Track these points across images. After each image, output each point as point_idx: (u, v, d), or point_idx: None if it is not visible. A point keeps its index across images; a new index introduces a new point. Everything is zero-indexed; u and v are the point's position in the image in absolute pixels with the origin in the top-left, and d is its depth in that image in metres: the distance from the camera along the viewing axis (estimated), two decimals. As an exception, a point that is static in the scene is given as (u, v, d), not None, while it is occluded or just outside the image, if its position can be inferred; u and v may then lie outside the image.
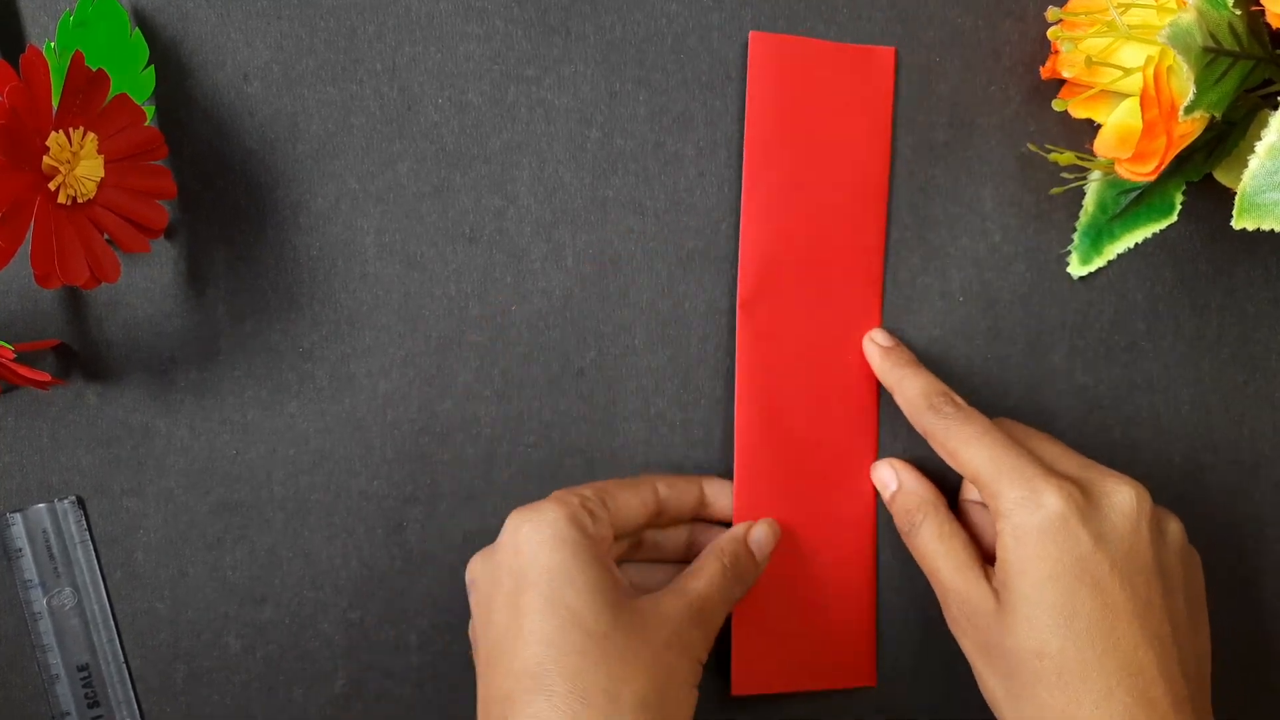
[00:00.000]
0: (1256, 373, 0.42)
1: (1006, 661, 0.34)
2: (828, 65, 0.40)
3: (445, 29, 0.39)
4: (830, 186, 0.40)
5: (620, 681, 0.31)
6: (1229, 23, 0.34)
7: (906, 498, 0.39)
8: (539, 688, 0.31)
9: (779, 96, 0.39)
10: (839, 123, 0.40)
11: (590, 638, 0.32)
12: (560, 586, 0.33)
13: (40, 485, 0.39)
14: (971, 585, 0.35)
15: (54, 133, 0.33)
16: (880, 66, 0.40)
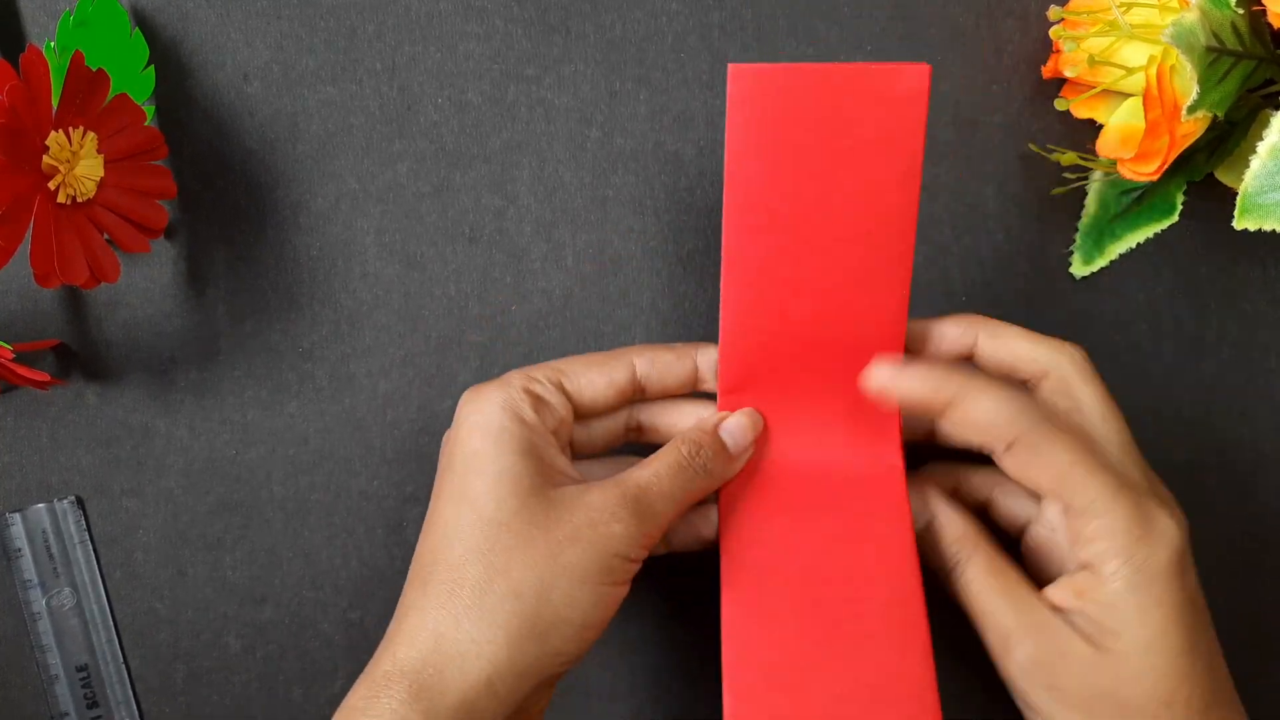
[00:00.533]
0: (1258, 373, 0.41)
1: (1119, 713, 0.31)
2: (835, 95, 0.32)
3: (445, 28, 0.39)
4: (840, 254, 0.33)
5: (497, 571, 0.30)
6: (1231, 22, 0.34)
7: (946, 529, 0.34)
8: (423, 574, 0.31)
9: (769, 142, 0.32)
10: (851, 170, 0.32)
11: (483, 526, 0.31)
12: (470, 474, 0.32)
13: (39, 485, 0.39)
14: (1053, 630, 0.31)
15: (54, 132, 0.33)
16: (908, 90, 0.32)
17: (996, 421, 0.32)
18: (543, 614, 0.30)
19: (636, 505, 0.32)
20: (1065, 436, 0.32)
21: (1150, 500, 0.32)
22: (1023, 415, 0.32)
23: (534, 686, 0.30)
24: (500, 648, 0.29)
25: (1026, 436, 0.32)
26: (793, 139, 0.32)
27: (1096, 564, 0.31)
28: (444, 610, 0.30)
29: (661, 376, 0.35)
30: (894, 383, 0.33)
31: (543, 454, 0.32)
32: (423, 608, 0.30)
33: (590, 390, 0.34)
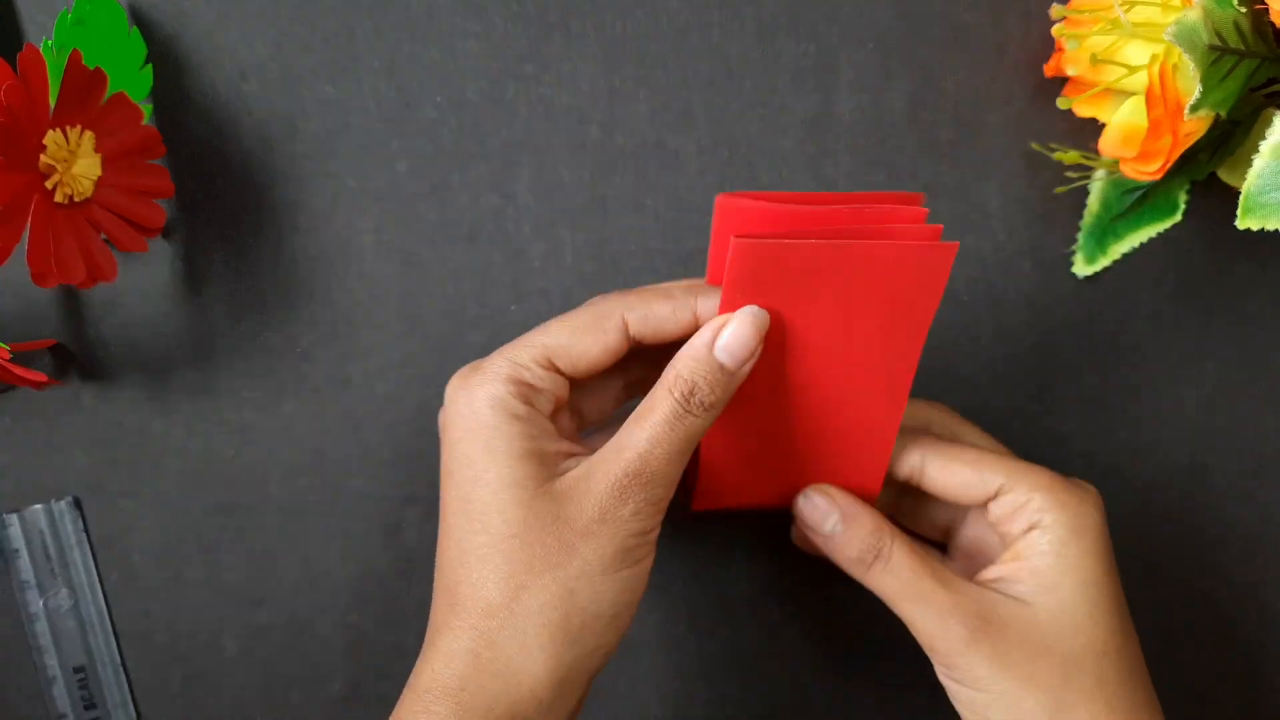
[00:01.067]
0: (1260, 373, 0.41)
1: (1060, 669, 0.32)
2: (848, 268, 0.30)
3: (444, 27, 0.39)
4: (829, 411, 0.33)
5: (519, 588, 0.29)
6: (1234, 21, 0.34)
7: (858, 527, 0.34)
8: (448, 592, 0.31)
9: (767, 304, 0.31)
10: (854, 328, 0.31)
11: (495, 544, 0.30)
12: (471, 486, 0.31)
13: (36, 486, 0.39)
14: (990, 600, 0.33)
15: (51, 131, 0.33)
16: (929, 266, 0.30)
17: (903, 452, 0.35)
18: (572, 618, 0.30)
19: (640, 478, 0.30)
20: (967, 442, 0.35)
21: (1063, 477, 0.34)
22: (924, 441, 0.35)
23: (581, 683, 0.30)
24: (538, 661, 0.29)
25: (931, 451, 0.35)
26: (792, 305, 0.31)
27: (1031, 526, 0.33)
28: (475, 631, 0.30)
29: (659, 333, 0.33)
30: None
31: (541, 447, 0.31)
32: (454, 628, 0.30)
33: (585, 361, 0.32)
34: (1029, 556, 0.33)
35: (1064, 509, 0.33)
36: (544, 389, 0.32)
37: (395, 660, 0.40)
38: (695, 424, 0.31)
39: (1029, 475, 0.34)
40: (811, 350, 0.32)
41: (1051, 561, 0.33)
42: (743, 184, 0.40)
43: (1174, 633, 0.42)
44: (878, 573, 0.34)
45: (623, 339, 0.33)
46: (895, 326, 0.32)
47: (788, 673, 0.41)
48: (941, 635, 0.32)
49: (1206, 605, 0.42)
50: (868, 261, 0.30)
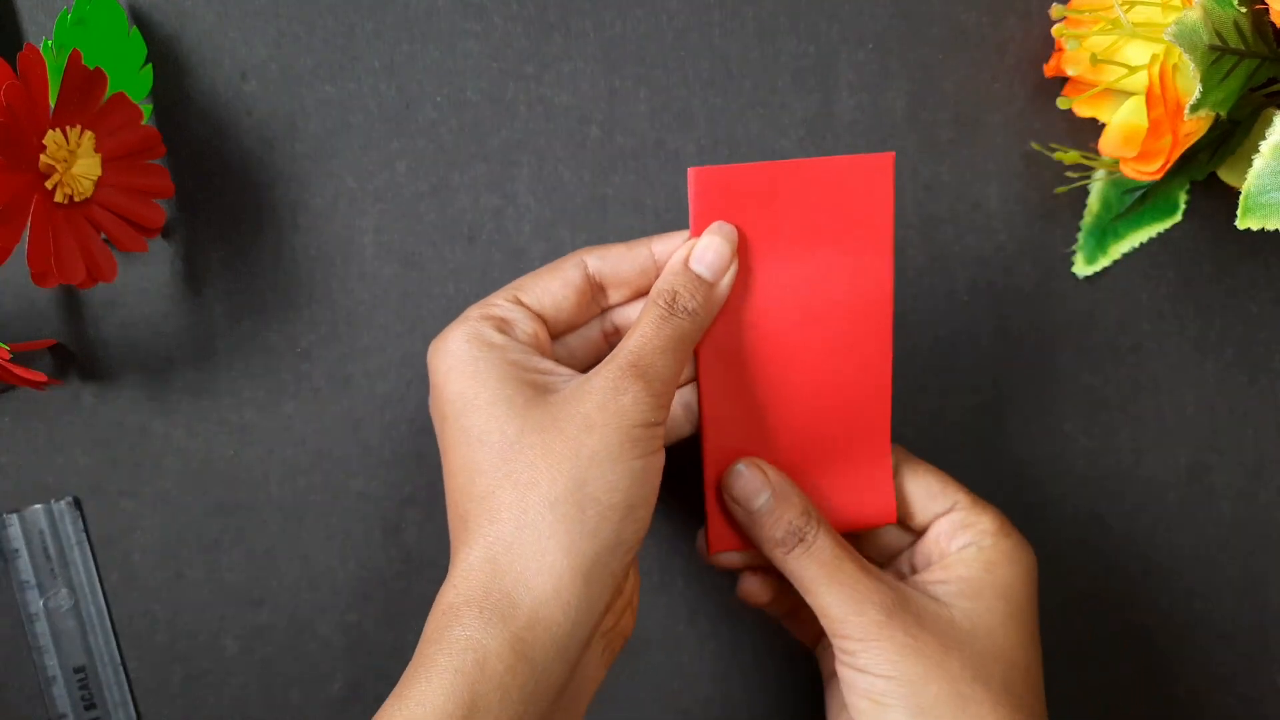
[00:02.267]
0: (1260, 373, 0.41)
1: (970, 665, 0.32)
2: (793, 188, 0.33)
3: (443, 26, 0.39)
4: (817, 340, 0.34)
5: (526, 487, 0.30)
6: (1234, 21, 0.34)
7: (788, 506, 0.34)
8: (460, 516, 0.31)
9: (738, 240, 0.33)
10: (821, 256, 0.33)
11: (496, 452, 0.30)
12: (465, 415, 0.31)
13: (36, 486, 0.39)
14: (908, 592, 0.33)
15: (51, 131, 0.33)
16: (874, 180, 0.33)
17: None
18: (586, 509, 0.29)
19: (636, 370, 0.31)
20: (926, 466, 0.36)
21: (983, 509, 0.36)
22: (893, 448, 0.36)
23: (606, 586, 0.30)
24: (557, 556, 0.29)
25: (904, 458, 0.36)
26: (756, 234, 0.33)
27: (970, 541, 0.34)
28: (490, 538, 0.29)
29: (616, 269, 0.34)
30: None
31: (526, 366, 0.32)
32: (469, 543, 0.30)
33: (549, 298, 0.33)
34: (957, 568, 0.34)
35: (1007, 537, 0.35)
36: (516, 319, 0.33)
37: (395, 660, 0.40)
38: (682, 325, 0.32)
39: (985, 505, 0.35)
40: (786, 287, 0.34)
41: (978, 573, 0.34)
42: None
43: (1174, 633, 0.42)
44: (797, 556, 0.33)
45: (583, 276, 0.34)
46: (860, 251, 0.33)
47: (788, 673, 0.41)
48: (856, 616, 0.32)
49: (1206, 605, 0.42)
50: (818, 179, 0.32)
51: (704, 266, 0.33)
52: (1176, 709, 0.42)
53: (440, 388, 0.32)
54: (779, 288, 0.33)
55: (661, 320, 0.32)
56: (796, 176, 0.32)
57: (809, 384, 0.34)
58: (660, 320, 0.32)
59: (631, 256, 0.34)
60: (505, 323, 0.32)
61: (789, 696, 0.41)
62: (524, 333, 0.33)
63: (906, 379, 0.40)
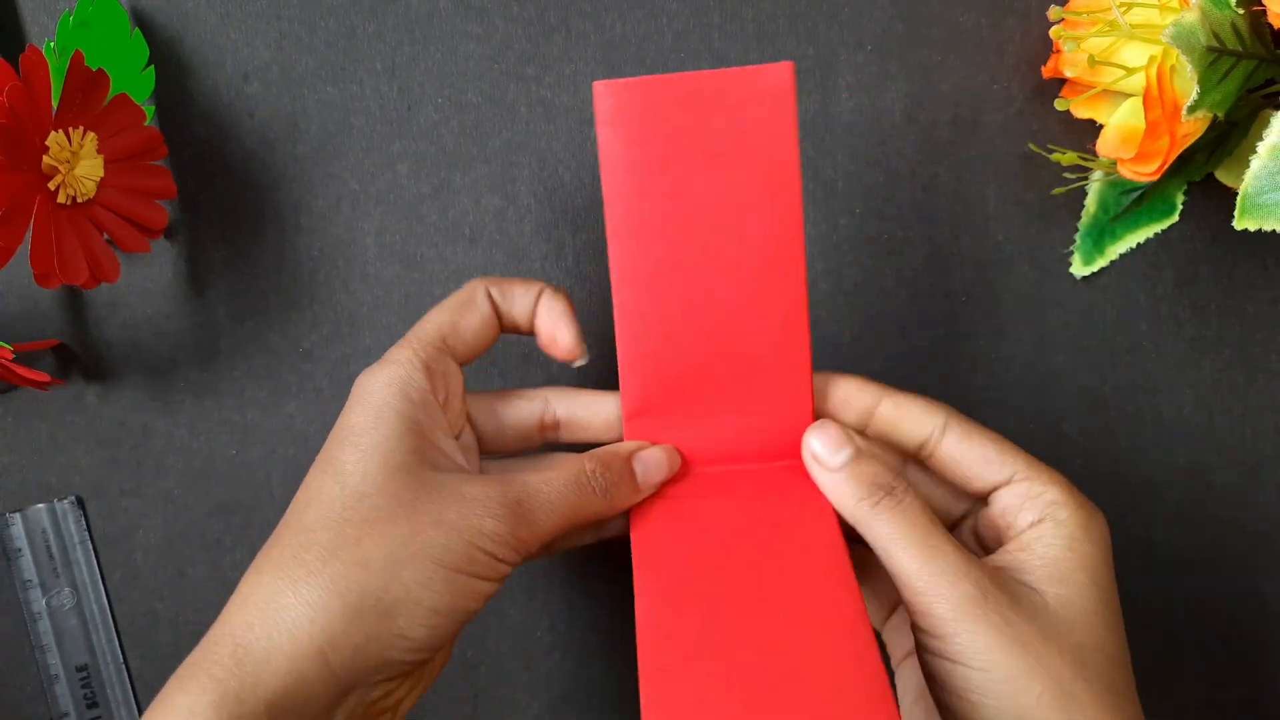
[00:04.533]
0: (1258, 373, 0.41)
1: (1072, 660, 0.28)
2: (699, 102, 0.32)
3: (445, 28, 0.39)
4: (731, 263, 0.33)
5: (347, 541, 0.28)
6: (1232, 22, 0.34)
7: (874, 463, 0.31)
8: (273, 539, 0.29)
9: (643, 156, 0.32)
10: (730, 176, 0.32)
11: (343, 496, 0.29)
12: (343, 447, 0.30)
13: (39, 485, 0.39)
14: (999, 574, 0.30)
15: (54, 132, 0.33)
16: (773, 88, 0.32)
17: (927, 407, 0.33)
18: (390, 589, 0.28)
19: (516, 508, 0.30)
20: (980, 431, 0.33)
21: (1066, 484, 0.32)
22: (943, 406, 0.33)
23: (372, 667, 0.28)
24: (336, 617, 0.27)
25: (954, 419, 0.32)
26: (666, 150, 0.32)
27: (1041, 518, 0.31)
28: (283, 574, 0.28)
29: (512, 305, 0.33)
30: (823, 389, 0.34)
31: (427, 434, 0.31)
32: (261, 570, 0.28)
33: (470, 334, 0.33)
34: (1038, 548, 0.30)
35: (1080, 508, 0.31)
36: (438, 370, 0.32)
37: (396, 659, 0.40)
38: (591, 504, 0.31)
39: (1046, 470, 0.32)
40: (698, 208, 0.32)
41: (1063, 554, 0.30)
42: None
43: (1174, 632, 0.42)
44: (887, 510, 0.30)
45: (492, 310, 0.33)
46: (768, 166, 0.32)
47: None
48: (949, 593, 0.28)
49: (1206, 605, 0.42)
50: (721, 91, 0.31)
51: (641, 469, 0.33)
52: (1177, 709, 0.42)
53: (342, 417, 0.31)
54: (689, 206, 0.32)
55: (577, 483, 0.31)
56: (700, 88, 0.32)
57: (724, 304, 0.33)
58: (575, 482, 0.31)
59: (527, 295, 0.34)
60: (434, 374, 0.32)
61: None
62: (442, 391, 0.32)
63: (905, 379, 0.40)
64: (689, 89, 0.32)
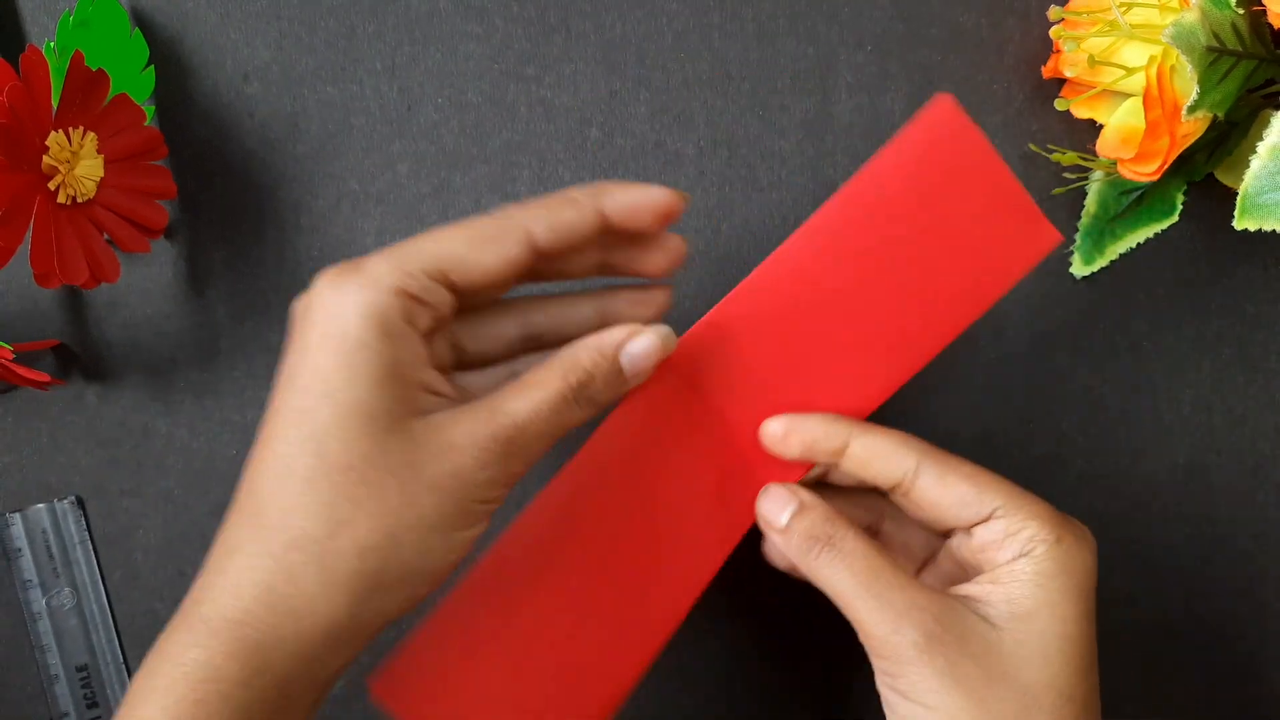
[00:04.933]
0: (1257, 373, 0.41)
1: (1017, 701, 0.29)
2: (988, 191, 0.32)
3: (445, 28, 0.39)
4: (875, 315, 0.33)
5: (341, 524, 0.26)
6: (1232, 22, 0.34)
7: (809, 515, 0.31)
8: (254, 511, 0.27)
9: (912, 185, 0.32)
10: (944, 259, 0.32)
11: (327, 471, 0.26)
12: (317, 400, 0.27)
13: (39, 485, 0.39)
14: (953, 609, 0.30)
15: (54, 132, 0.33)
16: (1034, 241, 0.32)
17: (899, 448, 0.32)
18: (390, 568, 0.27)
19: (508, 447, 0.28)
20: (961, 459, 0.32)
21: (1064, 516, 0.31)
22: (916, 446, 0.32)
23: (379, 624, 0.28)
24: (340, 606, 0.27)
25: (928, 460, 0.31)
26: (929, 196, 0.32)
27: (1019, 555, 0.30)
28: (277, 562, 0.26)
29: (567, 239, 0.30)
30: (791, 426, 0.32)
31: (408, 375, 0.28)
32: (251, 554, 0.27)
33: (480, 273, 0.29)
34: (1006, 581, 0.30)
35: (1059, 544, 0.30)
36: (428, 303, 0.28)
37: (396, 659, 0.40)
38: (576, 415, 0.29)
39: (1028, 503, 0.31)
40: (900, 250, 0.33)
41: (1031, 591, 0.30)
42: (742, 184, 0.40)
43: (1174, 633, 0.42)
44: (826, 561, 0.30)
45: (525, 252, 0.29)
46: (976, 280, 0.33)
47: (788, 673, 0.41)
48: (892, 636, 0.29)
49: (1206, 605, 0.42)
50: (1004, 199, 0.32)
51: (630, 362, 0.30)
52: (1177, 709, 0.42)
53: (306, 346, 0.27)
54: (890, 227, 0.32)
55: (561, 403, 0.29)
56: (998, 180, 0.32)
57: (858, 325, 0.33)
58: (559, 402, 0.29)
59: (582, 223, 0.30)
60: (416, 306, 0.28)
61: (789, 696, 0.41)
62: (429, 319, 0.29)
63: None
64: (989, 169, 0.32)
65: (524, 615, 0.31)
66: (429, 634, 0.32)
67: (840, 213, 0.32)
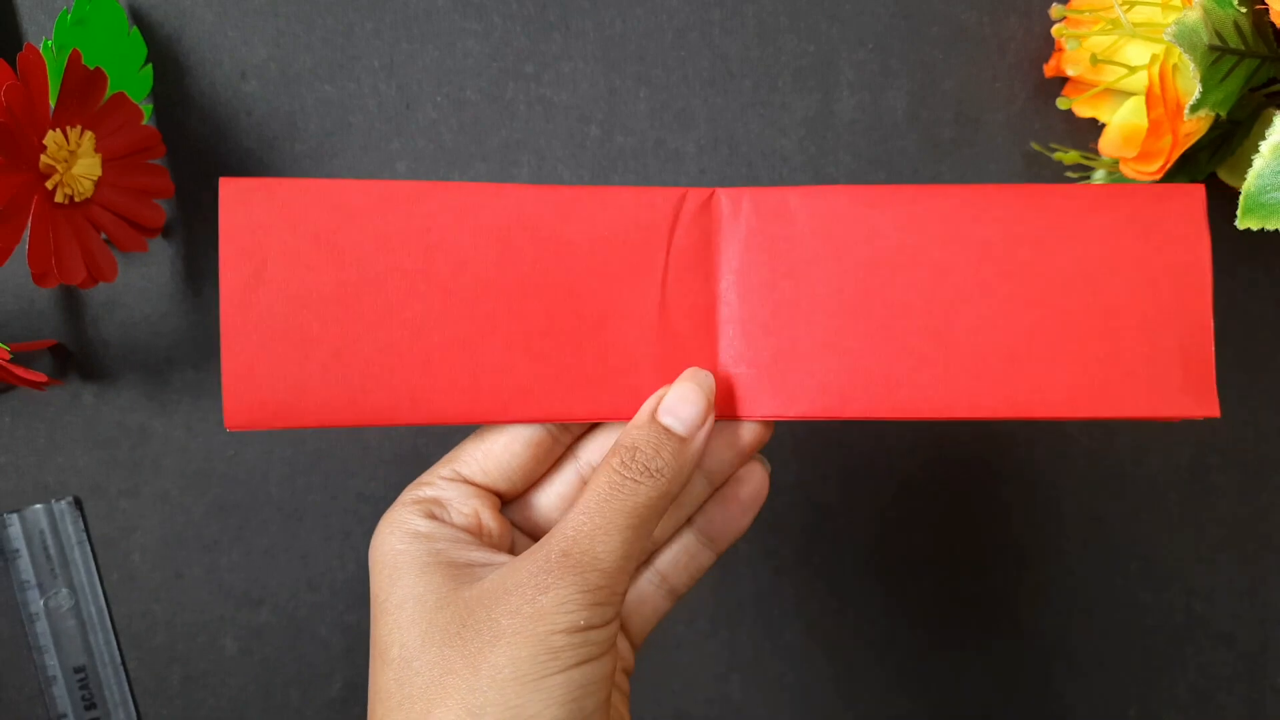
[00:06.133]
0: (1261, 373, 0.41)
1: None
2: (1178, 304, 0.28)
3: (443, 26, 0.39)
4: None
5: (423, 715, 0.24)
6: (1234, 21, 0.33)
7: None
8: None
9: (1114, 235, 0.28)
10: None
11: (394, 674, 0.25)
12: (376, 619, 0.26)
13: (37, 486, 0.39)
14: None
15: (51, 131, 0.33)
16: (1186, 394, 0.28)
17: None
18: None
19: (568, 561, 0.25)
20: None
21: None
22: None
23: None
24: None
25: None
26: (1118, 259, 0.28)
27: None
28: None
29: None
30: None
31: (451, 558, 0.27)
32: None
33: (493, 463, 0.28)
34: None
35: None
36: (451, 499, 0.28)
37: (395, 660, 0.40)
38: (640, 493, 0.26)
39: None
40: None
41: None
42: (743, 183, 0.40)
43: (1174, 633, 0.42)
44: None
45: (540, 427, 0.29)
46: None
47: (788, 673, 0.41)
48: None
49: (1206, 605, 0.42)
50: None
51: (674, 419, 0.27)
52: (1177, 709, 0.42)
53: (371, 586, 0.27)
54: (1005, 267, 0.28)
55: (613, 489, 0.26)
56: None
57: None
58: (611, 489, 0.26)
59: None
60: (438, 505, 0.28)
61: (789, 696, 0.41)
62: (462, 514, 0.28)
63: (906, 379, 0.40)
64: (1188, 271, 0.28)
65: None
66: None
67: (1022, 198, 0.28)
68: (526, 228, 0.28)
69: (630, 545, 0.26)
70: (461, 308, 0.28)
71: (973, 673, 0.38)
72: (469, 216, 0.28)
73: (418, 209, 0.28)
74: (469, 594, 0.25)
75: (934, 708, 0.42)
